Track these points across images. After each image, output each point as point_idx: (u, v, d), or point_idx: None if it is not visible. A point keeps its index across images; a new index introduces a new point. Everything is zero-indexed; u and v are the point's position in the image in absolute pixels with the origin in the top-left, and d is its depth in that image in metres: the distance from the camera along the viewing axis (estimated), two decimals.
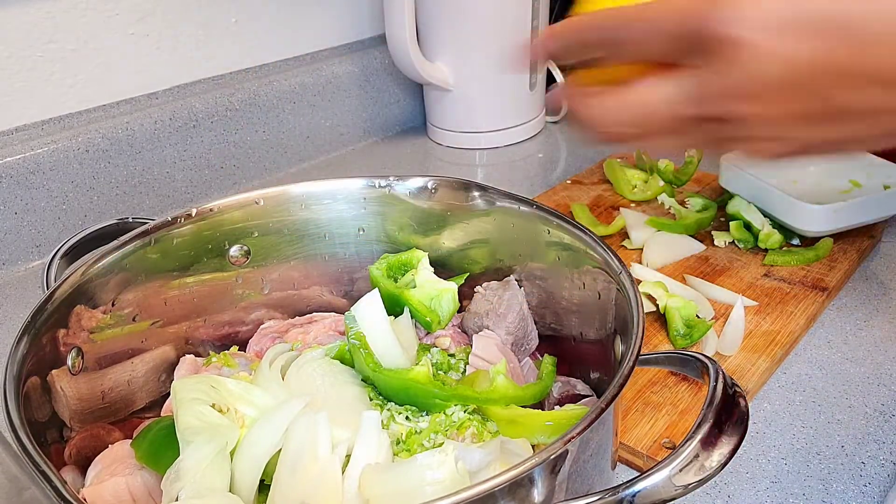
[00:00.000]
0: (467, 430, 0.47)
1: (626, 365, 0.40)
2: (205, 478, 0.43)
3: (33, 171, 0.80)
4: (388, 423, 0.48)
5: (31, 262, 0.82)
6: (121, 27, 0.86)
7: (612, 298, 0.50)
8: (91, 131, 0.84)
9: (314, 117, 1.05)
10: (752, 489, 0.52)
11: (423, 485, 0.40)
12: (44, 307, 0.47)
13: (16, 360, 0.44)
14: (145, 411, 0.56)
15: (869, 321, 0.68)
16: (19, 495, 0.33)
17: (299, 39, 1.04)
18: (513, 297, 0.57)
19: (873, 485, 0.52)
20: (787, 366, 0.64)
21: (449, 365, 0.54)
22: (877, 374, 0.62)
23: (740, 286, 0.72)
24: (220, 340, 0.61)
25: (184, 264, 0.57)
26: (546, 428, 0.47)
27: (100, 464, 0.48)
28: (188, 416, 0.45)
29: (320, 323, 0.60)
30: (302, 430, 0.45)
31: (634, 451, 0.55)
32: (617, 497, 0.36)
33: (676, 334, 0.64)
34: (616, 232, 0.81)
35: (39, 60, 0.81)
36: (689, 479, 0.36)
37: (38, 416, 0.45)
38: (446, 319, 0.57)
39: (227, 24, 0.95)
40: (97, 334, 0.51)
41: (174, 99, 0.92)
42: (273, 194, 0.59)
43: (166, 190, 0.92)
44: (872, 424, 0.57)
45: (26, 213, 0.81)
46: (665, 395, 0.59)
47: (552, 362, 0.54)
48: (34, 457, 0.37)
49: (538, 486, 0.37)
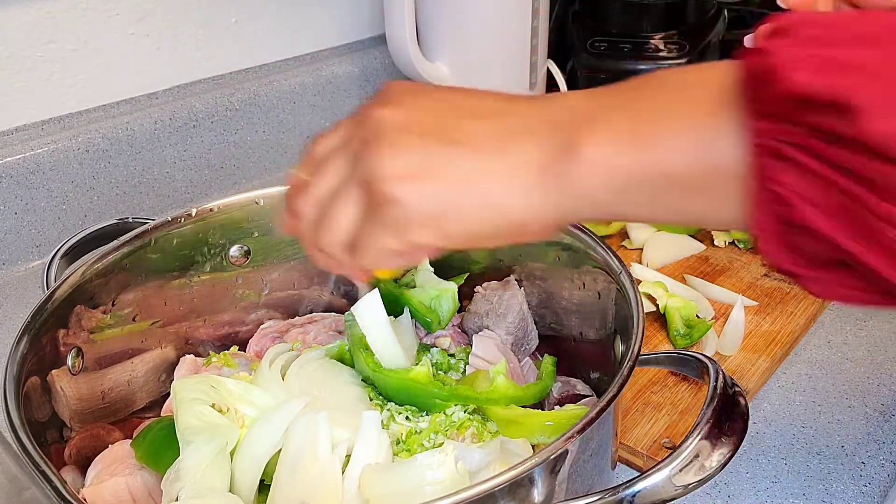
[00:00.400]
0: (467, 430, 0.47)
1: (626, 365, 0.40)
2: (205, 478, 0.43)
3: (33, 171, 0.80)
4: (388, 423, 0.48)
5: (31, 262, 0.82)
6: (121, 27, 0.85)
7: (612, 298, 0.50)
8: (91, 131, 0.84)
9: (314, 117, 1.05)
10: (752, 489, 0.52)
11: (423, 485, 0.40)
12: (44, 307, 0.47)
13: (16, 360, 0.44)
14: (145, 411, 0.56)
15: (869, 321, 0.68)
16: (19, 495, 0.33)
17: (299, 39, 1.04)
18: (513, 297, 0.57)
19: (873, 485, 0.52)
20: (787, 366, 0.64)
21: (449, 365, 0.54)
22: (877, 374, 0.62)
23: (740, 286, 0.72)
24: (220, 340, 0.61)
25: (184, 264, 0.57)
26: (546, 428, 0.47)
27: (100, 464, 0.48)
28: (188, 416, 0.45)
29: (320, 323, 0.60)
30: (302, 430, 0.45)
31: (634, 451, 0.55)
32: (617, 497, 0.37)
33: (676, 334, 0.64)
34: (616, 232, 0.81)
35: (39, 60, 0.81)
36: (689, 479, 0.36)
37: (38, 416, 0.45)
38: (446, 319, 0.57)
39: (227, 24, 0.95)
40: (97, 334, 0.51)
41: (174, 99, 0.92)
42: (273, 194, 0.59)
43: (166, 190, 0.92)
44: (872, 424, 0.57)
45: (26, 213, 0.81)
46: (665, 395, 0.59)
47: (552, 362, 0.54)
48: (34, 457, 0.37)
49: (538, 486, 0.37)
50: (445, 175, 0.34)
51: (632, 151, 0.32)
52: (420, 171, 0.34)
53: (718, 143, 0.30)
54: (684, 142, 0.30)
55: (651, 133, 0.31)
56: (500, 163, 0.34)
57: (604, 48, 1.05)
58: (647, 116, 0.32)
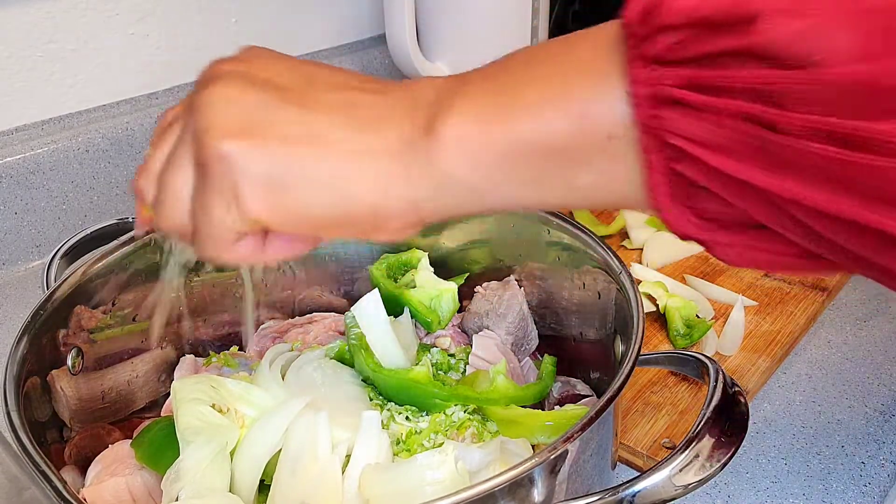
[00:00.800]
0: (467, 430, 0.47)
1: (626, 365, 0.40)
2: (205, 478, 0.43)
3: (33, 171, 0.80)
4: (388, 423, 0.48)
5: (31, 262, 0.82)
6: (121, 27, 0.85)
7: (612, 298, 0.50)
8: (91, 131, 0.84)
9: None
10: (752, 489, 0.52)
11: (423, 485, 0.40)
12: (44, 307, 0.47)
13: (16, 360, 0.44)
14: (145, 411, 0.56)
15: (869, 321, 0.68)
16: (19, 495, 0.33)
17: (299, 39, 1.04)
18: (513, 297, 0.57)
19: (873, 485, 0.52)
20: (787, 366, 0.64)
21: (449, 365, 0.54)
22: (877, 374, 0.62)
23: (740, 286, 0.72)
24: (220, 340, 0.61)
25: None
26: (546, 428, 0.47)
27: (100, 464, 0.48)
28: (188, 416, 0.45)
29: (320, 323, 0.60)
30: (302, 430, 0.45)
31: (634, 451, 0.55)
32: (617, 497, 0.37)
33: (676, 334, 0.64)
34: (616, 232, 0.81)
35: (39, 60, 0.81)
36: (689, 479, 0.36)
37: (38, 416, 0.45)
38: (446, 319, 0.57)
39: (227, 24, 0.95)
40: (97, 334, 0.51)
41: (174, 99, 0.92)
42: None
43: None
44: (872, 424, 0.57)
45: (26, 213, 0.81)
46: (665, 395, 0.59)
47: (552, 362, 0.54)
48: (34, 457, 0.37)
49: (538, 486, 0.37)
50: (285, 136, 0.29)
51: (497, 123, 0.28)
52: (255, 128, 0.30)
53: (598, 104, 0.26)
54: (558, 107, 0.27)
55: (518, 102, 0.28)
56: (353, 139, 0.29)
57: None
58: (515, 85, 0.28)
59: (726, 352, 0.63)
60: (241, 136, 0.29)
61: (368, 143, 0.29)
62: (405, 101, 0.30)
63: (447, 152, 0.28)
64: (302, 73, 0.32)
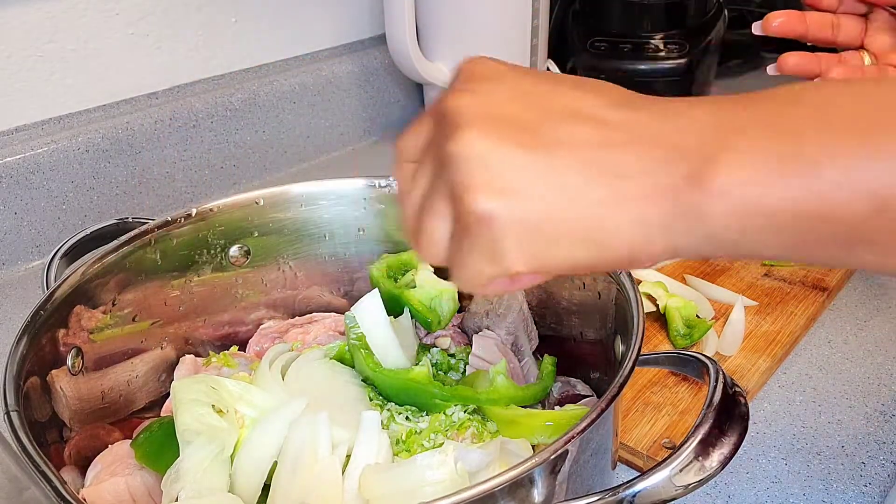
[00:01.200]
0: (467, 431, 0.47)
1: (626, 365, 0.40)
2: (205, 478, 0.43)
3: (33, 171, 0.80)
4: (388, 423, 0.48)
5: (31, 262, 0.82)
6: (121, 27, 0.85)
7: (612, 298, 0.50)
8: (91, 131, 0.84)
9: (314, 117, 1.05)
10: (752, 489, 0.52)
11: (423, 485, 0.40)
12: (44, 307, 0.47)
13: (16, 360, 0.44)
14: (145, 411, 0.56)
15: (869, 321, 0.68)
16: (19, 495, 0.33)
17: (299, 39, 1.04)
18: (513, 297, 0.57)
19: (873, 485, 0.52)
20: (787, 366, 0.64)
21: (449, 365, 0.54)
22: (877, 374, 0.62)
23: (740, 286, 0.72)
24: (220, 340, 0.61)
25: (184, 264, 0.57)
26: (546, 428, 0.47)
27: (100, 464, 0.48)
28: (188, 416, 0.45)
29: (320, 323, 0.60)
30: (302, 430, 0.45)
31: (634, 451, 0.55)
32: (617, 497, 0.36)
33: (676, 334, 0.64)
34: None
35: (39, 60, 0.81)
36: (689, 479, 0.36)
37: (37, 416, 0.45)
38: (446, 319, 0.57)
39: (227, 24, 0.95)
40: (97, 334, 0.51)
41: (174, 99, 0.92)
42: (273, 194, 0.59)
43: (166, 190, 0.92)
44: (872, 424, 0.57)
45: (26, 213, 0.81)
46: (665, 395, 0.59)
47: (552, 362, 0.54)
48: (34, 457, 0.37)
49: (538, 486, 0.37)
50: (541, 196, 0.29)
51: (779, 182, 0.25)
52: (508, 188, 0.29)
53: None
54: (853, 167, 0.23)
55: (808, 170, 0.24)
56: (611, 186, 0.28)
57: (604, 48, 1.05)
58: (798, 134, 0.25)
59: (726, 352, 0.63)
60: (498, 197, 0.29)
61: (624, 192, 0.28)
62: (660, 140, 0.28)
63: (716, 211, 0.27)
64: (535, 101, 0.31)
